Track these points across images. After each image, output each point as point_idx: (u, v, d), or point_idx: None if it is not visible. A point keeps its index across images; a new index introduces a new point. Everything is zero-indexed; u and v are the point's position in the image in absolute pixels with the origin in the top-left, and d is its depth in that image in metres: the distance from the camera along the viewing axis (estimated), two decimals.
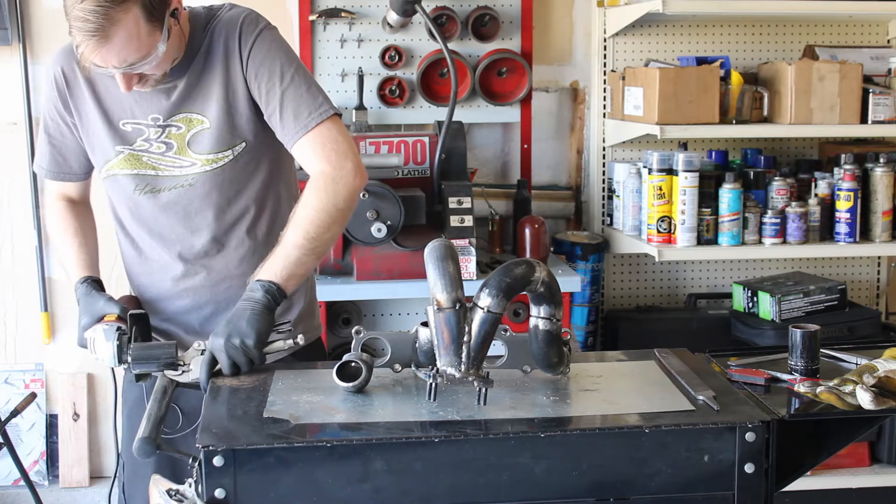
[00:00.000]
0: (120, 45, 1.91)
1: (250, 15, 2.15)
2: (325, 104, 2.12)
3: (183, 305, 2.23)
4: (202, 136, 2.13)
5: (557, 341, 1.83)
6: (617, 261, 3.98)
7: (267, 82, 2.10)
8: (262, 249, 2.20)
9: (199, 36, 2.12)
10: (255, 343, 1.91)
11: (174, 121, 2.13)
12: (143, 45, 1.94)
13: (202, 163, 2.14)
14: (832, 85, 3.51)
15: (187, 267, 2.20)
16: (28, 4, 3.65)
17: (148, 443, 1.63)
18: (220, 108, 2.12)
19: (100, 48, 1.90)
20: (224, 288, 2.21)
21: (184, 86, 2.12)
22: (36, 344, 3.85)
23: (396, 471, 1.61)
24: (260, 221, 2.21)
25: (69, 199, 2.31)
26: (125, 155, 2.16)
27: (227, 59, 2.11)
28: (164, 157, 2.15)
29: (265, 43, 2.12)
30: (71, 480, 3.87)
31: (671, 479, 1.65)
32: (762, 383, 1.87)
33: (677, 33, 3.90)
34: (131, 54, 1.94)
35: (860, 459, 3.75)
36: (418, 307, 3.59)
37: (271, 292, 1.97)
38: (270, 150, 2.19)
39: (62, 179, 2.28)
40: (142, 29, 1.92)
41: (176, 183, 2.16)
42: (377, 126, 3.74)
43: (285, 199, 2.25)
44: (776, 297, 3.57)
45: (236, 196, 2.18)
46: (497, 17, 3.72)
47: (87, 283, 2.17)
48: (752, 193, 3.59)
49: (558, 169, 3.99)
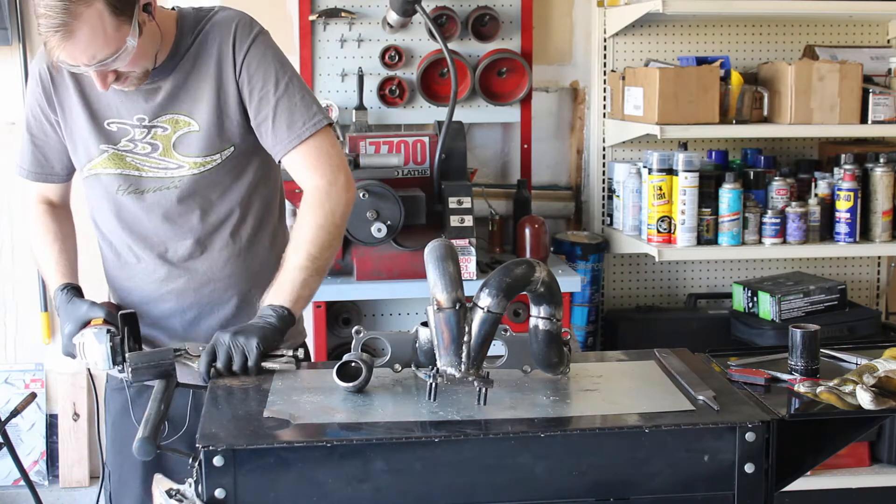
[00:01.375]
0: (86, 41, 1.88)
1: (244, 19, 2.13)
2: (319, 114, 2.11)
3: (166, 309, 2.20)
4: (190, 139, 2.12)
5: (557, 341, 1.83)
6: (617, 261, 3.98)
7: (260, 90, 2.09)
8: (246, 253, 2.20)
9: (187, 37, 2.10)
10: (257, 346, 1.90)
11: (160, 122, 2.11)
12: (111, 41, 1.90)
13: (189, 165, 2.13)
14: (832, 85, 3.51)
15: (170, 269, 2.18)
16: (28, 4, 3.64)
17: (148, 443, 1.63)
18: (211, 111, 2.10)
19: (65, 43, 1.87)
20: (208, 291, 2.20)
21: (170, 87, 2.10)
22: (36, 344, 3.85)
23: (396, 471, 1.61)
24: (245, 225, 2.20)
25: (49, 202, 2.28)
26: (109, 154, 2.14)
27: (220, 63, 2.10)
28: (148, 158, 2.13)
29: (260, 49, 2.10)
30: (71, 480, 3.87)
31: (671, 479, 1.65)
32: (762, 383, 1.87)
33: (677, 33, 3.90)
34: (99, 50, 1.90)
35: (860, 459, 3.75)
36: (418, 307, 3.59)
37: (282, 317, 1.98)
38: (258, 154, 2.18)
39: (44, 181, 2.26)
40: (107, 23, 1.88)
41: (161, 185, 2.14)
42: (377, 126, 3.74)
43: (272, 201, 2.25)
44: (776, 297, 3.57)
45: (221, 199, 2.16)
46: (497, 17, 3.72)
47: (67, 290, 2.13)
48: (752, 193, 3.59)
49: (558, 169, 3.99)
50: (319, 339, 3.37)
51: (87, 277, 2.23)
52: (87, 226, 2.29)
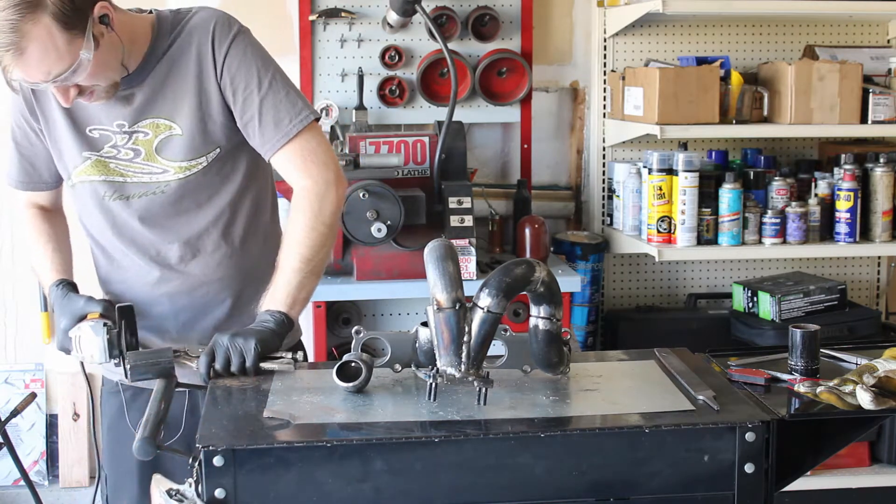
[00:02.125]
0: (37, 58, 1.84)
1: (222, 18, 2.09)
2: (306, 109, 2.09)
3: (160, 312, 2.19)
4: (173, 143, 2.09)
5: (557, 341, 1.83)
6: (617, 261, 3.98)
7: (244, 89, 2.06)
8: (239, 254, 2.19)
9: (163, 40, 2.07)
10: (255, 347, 1.89)
11: (140, 127, 2.09)
12: (64, 55, 1.86)
13: (175, 170, 2.10)
14: (832, 85, 3.51)
15: (163, 273, 2.17)
16: None
17: (148, 443, 1.63)
18: (193, 114, 2.07)
19: (17, 61, 1.83)
20: (201, 293, 2.19)
21: (147, 91, 2.07)
22: (36, 344, 3.85)
23: (396, 471, 1.61)
24: (235, 225, 2.18)
25: (41, 207, 2.27)
26: (92, 161, 2.11)
27: (201, 64, 2.06)
28: (132, 164, 2.11)
29: (240, 47, 2.07)
30: (71, 480, 3.87)
31: (671, 479, 1.65)
32: (762, 383, 1.87)
33: (677, 33, 3.90)
34: (53, 66, 1.86)
35: (860, 459, 3.75)
36: (418, 307, 3.59)
37: (282, 323, 1.98)
38: (245, 154, 2.15)
39: (33, 189, 2.24)
40: (57, 39, 1.84)
41: (147, 190, 2.12)
42: (377, 126, 3.74)
43: (262, 201, 2.23)
44: (776, 297, 3.57)
45: (210, 201, 2.14)
46: (497, 17, 3.72)
47: (63, 285, 2.11)
48: (752, 193, 3.59)
49: (558, 169, 3.99)
50: (319, 339, 3.37)
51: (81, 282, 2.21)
52: (80, 229, 2.27)
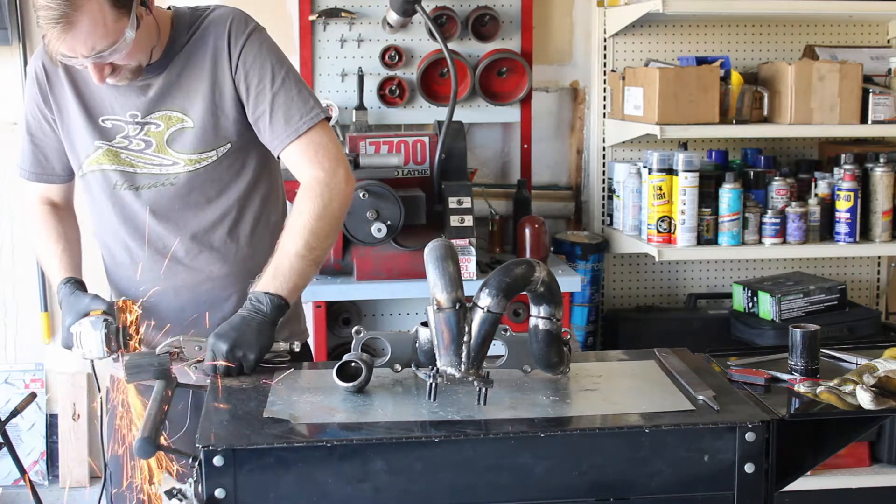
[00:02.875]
0: (86, 32, 1.90)
1: (239, 16, 2.13)
2: (316, 108, 2.11)
3: (165, 306, 2.19)
4: (184, 136, 2.12)
5: (557, 341, 1.83)
6: (617, 261, 3.98)
7: (257, 85, 2.09)
8: (244, 251, 2.19)
9: (182, 35, 2.11)
10: (255, 358, 1.93)
11: (153, 118, 2.12)
12: (110, 32, 1.92)
13: (185, 162, 2.13)
14: (832, 85, 3.51)
15: (168, 267, 2.17)
16: (28, 4, 3.64)
17: (148, 443, 1.63)
18: (206, 108, 2.10)
19: (65, 35, 1.89)
20: (207, 289, 2.19)
21: (162, 83, 2.10)
22: (36, 344, 3.85)
23: (396, 471, 1.61)
24: (243, 222, 2.19)
25: (52, 203, 2.29)
26: (104, 150, 2.14)
27: (216, 59, 2.10)
28: (143, 155, 2.13)
29: (255, 44, 2.11)
30: (71, 480, 3.87)
31: (671, 479, 1.65)
32: (762, 383, 1.87)
33: (677, 33, 3.90)
34: (98, 41, 1.92)
35: (860, 459, 3.75)
36: (418, 307, 3.59)
37: (278, 306, 1.98)
38: (256, 152, 2.17)
39: (44, 181, 2.26)
40: (107, 15, 1.91)
41: (156, 181, 2.14)
42: (377, 126, 3.74)
43: (270, 200, 2.24)
44: (776, 297, 3.57)
45: (219, 197, 2.16)
46: (497, 17, 3.72)
47: (71, 283, 2.13)
48: (752, 193, 3.59)
49: (558, 169, 3.99)
50: (319, 339, 3.37)
51: (89, 280, 2.23)
52: (89, 226, 2.28)
